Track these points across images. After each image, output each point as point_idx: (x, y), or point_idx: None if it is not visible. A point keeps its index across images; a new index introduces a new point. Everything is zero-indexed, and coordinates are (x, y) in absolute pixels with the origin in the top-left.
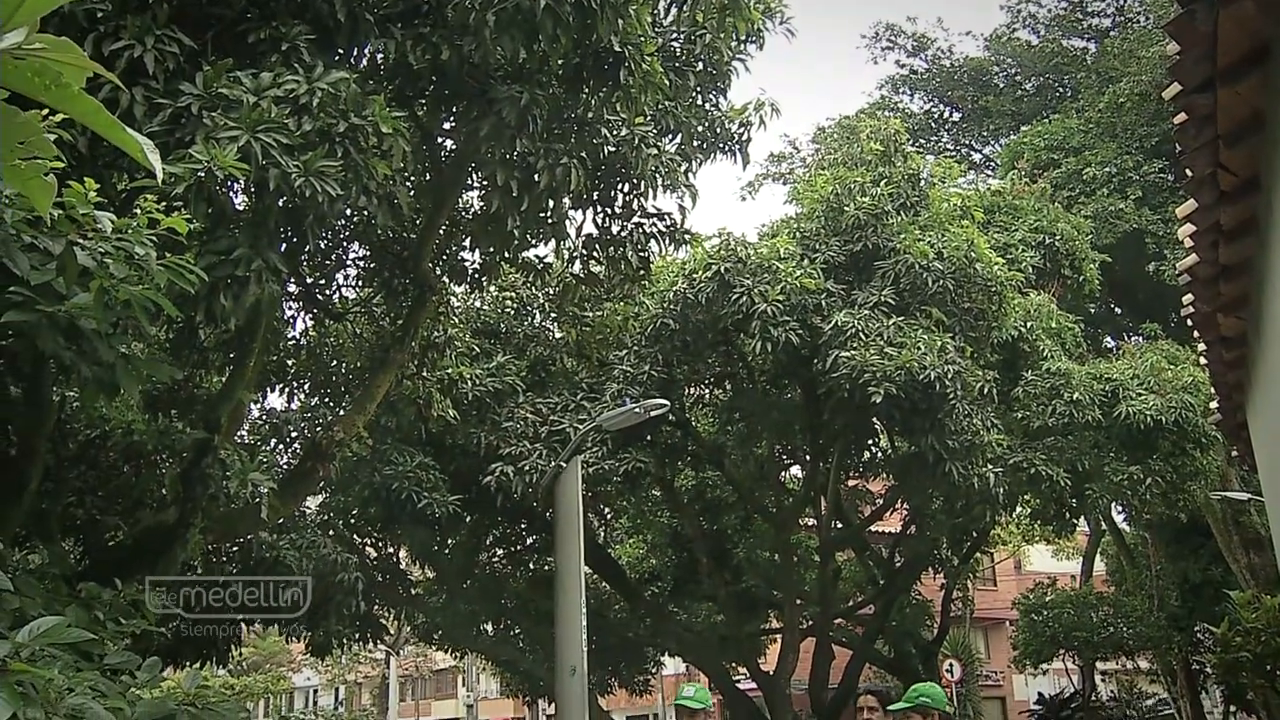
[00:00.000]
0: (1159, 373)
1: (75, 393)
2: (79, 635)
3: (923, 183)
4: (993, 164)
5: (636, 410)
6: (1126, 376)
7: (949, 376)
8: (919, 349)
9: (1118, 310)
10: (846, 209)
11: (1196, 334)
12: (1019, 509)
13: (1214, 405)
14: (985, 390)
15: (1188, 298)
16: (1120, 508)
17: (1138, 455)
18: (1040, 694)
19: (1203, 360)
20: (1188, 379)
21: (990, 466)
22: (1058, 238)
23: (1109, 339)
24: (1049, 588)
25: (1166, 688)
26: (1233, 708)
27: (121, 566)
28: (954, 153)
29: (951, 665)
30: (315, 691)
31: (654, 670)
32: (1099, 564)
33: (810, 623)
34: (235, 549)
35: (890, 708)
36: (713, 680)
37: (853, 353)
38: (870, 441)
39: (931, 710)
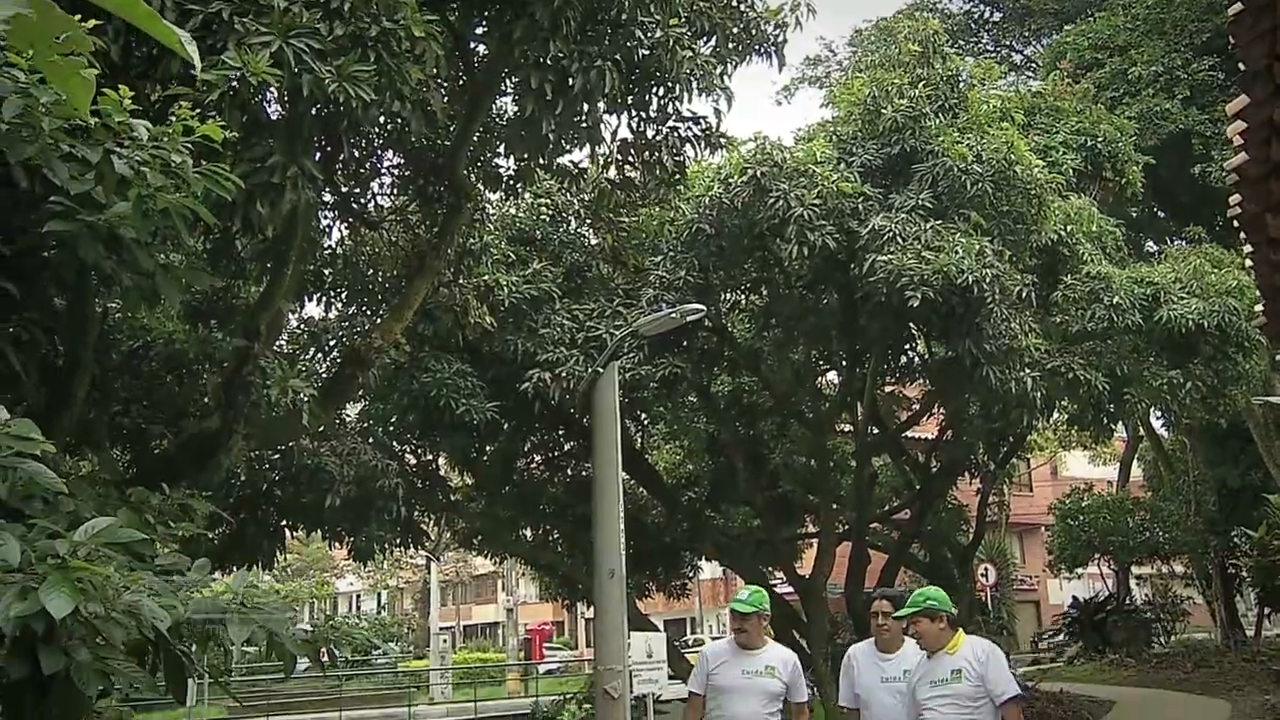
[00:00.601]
0: (1202, 276)
1: (117, 304)
2: (131, 536)
3: (962, 84)
4: (1034, 65)
5: (673, 315)
6: (1168, 280)
7: (987, 280)
8: (957, 253)
9: (1160, 214)
10: (884, 112)
11: (1243, 236)
12: (1056, 414)
13: (1259, 309)
14: (1023, 294)
15: (1235, 198)
16: (1159, 413)
17: (1178, 359)
18: (1075, 597)
19: (1248, 263)
20: (1232, 282)
21: (1028, 371)
22: (1100, 140)
23: (1151, 243)
24: (1085, 493)
25: (1201, 591)
26: (1268, 610)
27: (167, 473)
28: (994, 53)
29: (987, 569)
30: (358, 597)
31: (691, 574)
32: (1136, 470)
33: (846, 527)
34: (277, 456)
35: (896, 614)
36: (749, 583)
37: (890, 257)
38: (907, 346)
39: (939, 612)
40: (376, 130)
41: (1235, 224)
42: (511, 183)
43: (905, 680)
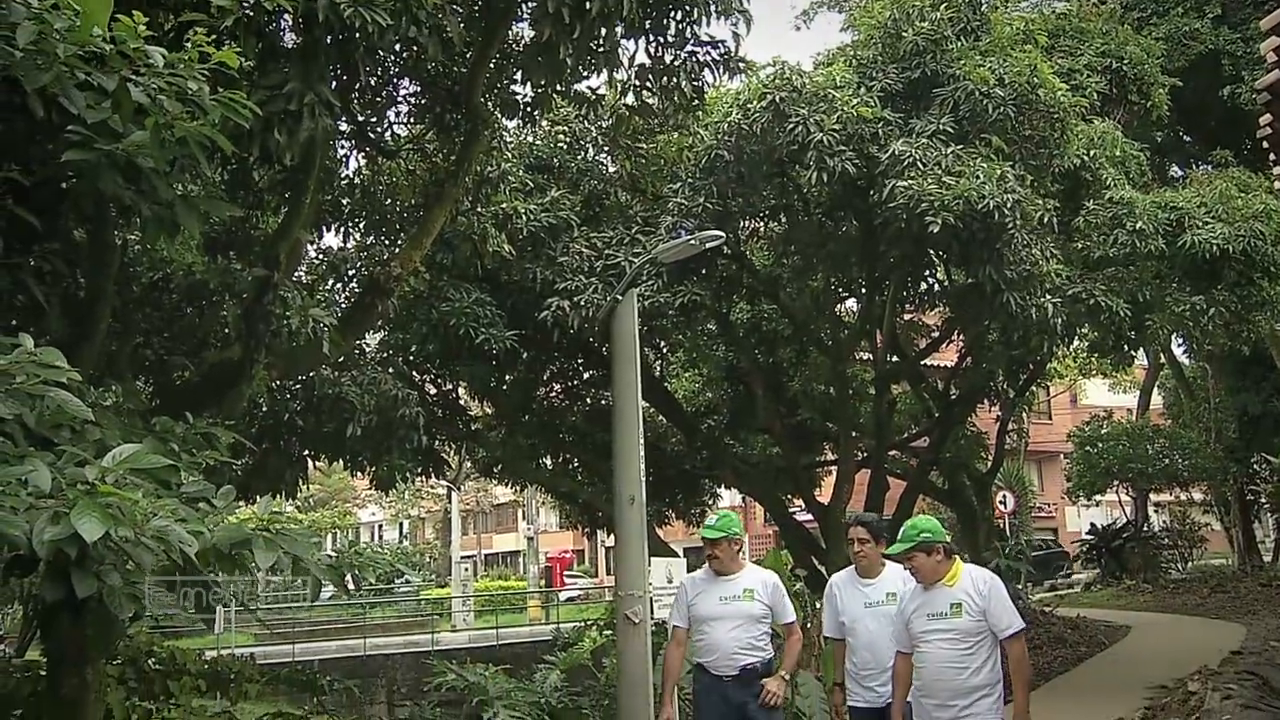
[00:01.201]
0: (1228, 200)
1: (137, 235)
2: (158, 462)
3: (984, 6)
4: None
5: (691, 242)
6: (1193, 205)
7: (1008, 206)
8: (978, 178)
9: (1187, 138)
10: (904, 35)
11: (1273, 156)
12: (1076, 341)
13: None
14: (1045, 220)
15: (1265, 118)
16: (1180, 339)
17: (1201, 285)
18: (1092, 524)
19: (1277, 185)
20: (1259, 207)
21: (1048, 297)
22: (1126, 62)
23: (1176, 167)
24: (1105, 420)
25: (1219, 518)
26: None
27: (190, 403)
28: None
29: (1005, 497)
30: (380, 526)
31: (710, 502)
32: (1156, 397)
33: (865, 454)
34: (298, 386)
35: (889, 551)
36: (769, 511)
37: (910, 182)
38: (927, 273)
39: (934, 544)
40: (393, 57)
41: (1265, 145)
42: (529, 110)
43: (889, 603)
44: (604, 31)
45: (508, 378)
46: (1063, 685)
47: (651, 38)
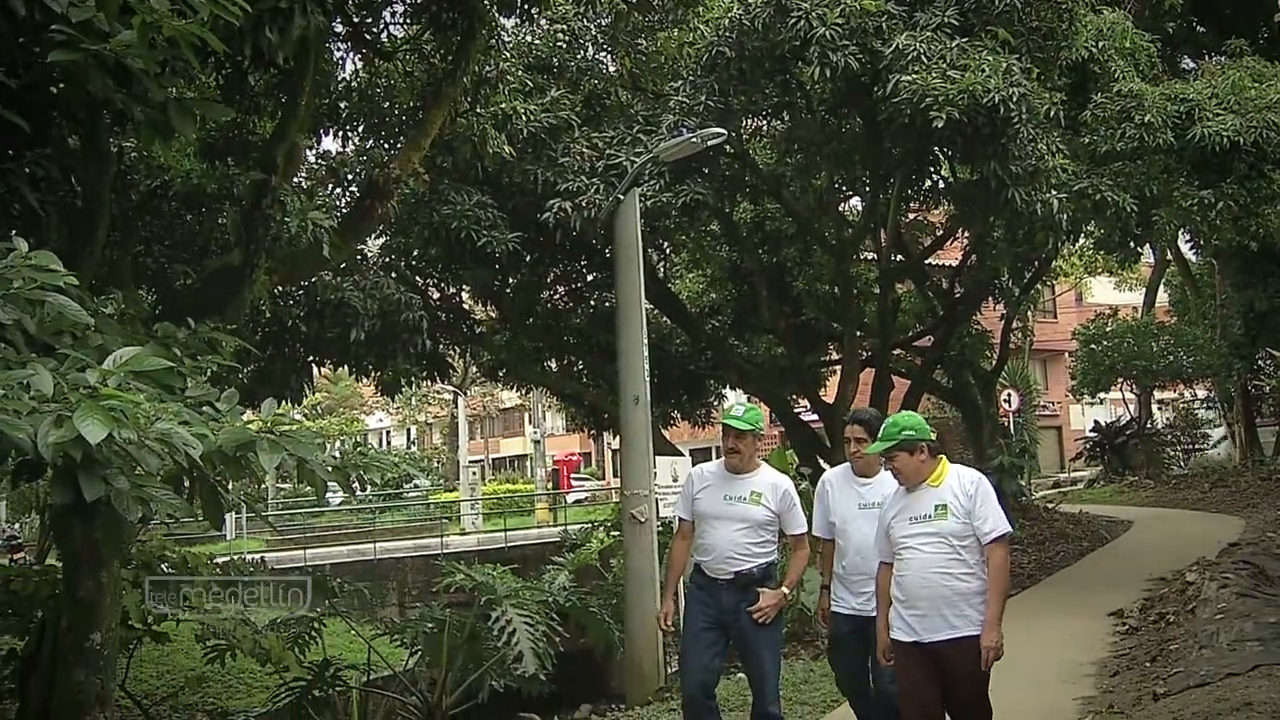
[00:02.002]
0: (1241, 91)
1: (133, 142)
2: (159, 364)
3: None
4: None
5: (693, 140)
6: (1204, 96)
7: (1014, 100)
8: (983, 71)
9: (1200, 28)
10: None
11: None
12: (1082, 238)
13: None
14: (1052, 114)
15: None
16: (1188, 235)
17: (1210, 179)
18: (1096, 422)
19: None
20: (1273, 97)
21: (1054, 192)
22: None
23: (1188, 60)
24: (1110, 318)
25: (1222, 414)
26: None
27: (192, 310)
28: None
29: (1009, 395)
30: (388, 433)
31: (715, 403)
32: (1162, 295)
33: (869, 354)
34: (301, 292)
35: (870, 450)
36: (774, 411)
37: (914, 77)
38: (931, 170)
39: (917, 443)
40: None
41: None
42: (526, 7)
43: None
44: None
45: (510, 281)
46: (1063, 579)
47: None
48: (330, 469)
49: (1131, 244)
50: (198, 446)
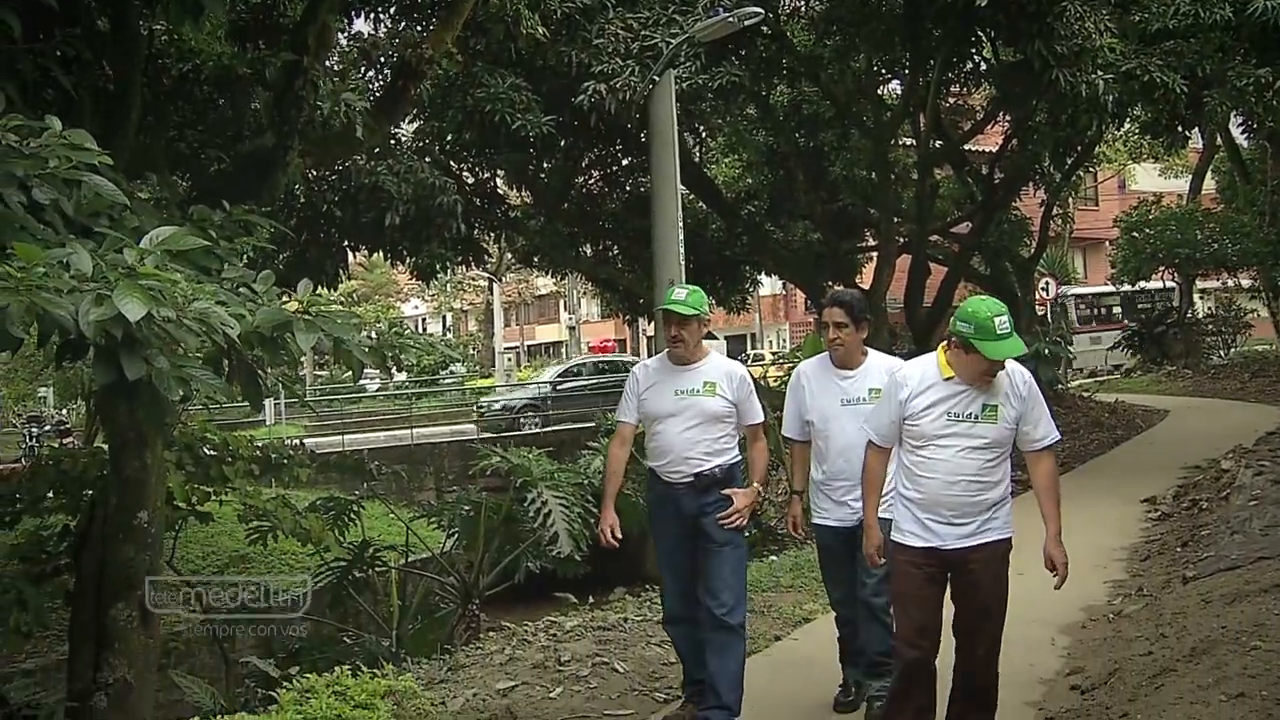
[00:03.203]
0: None
1: (163, 25)
2: (196, 243)
3: None
4: None
5: (729, 20)
6: None
7: None
8: None
9: None
10: None
11: None
12: (1128, 122)
13: None
14: None
15: None
16: (1240, 117)
17: (1269, 57)
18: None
19: None
20: None
21: (1100, 74)
22: None
23: None
24: (1153, 205)
25: (1266, 303)
26: None
27: (226, 195)
28: None
29: (1047, 283)
30: (424, 320)
31: (750, 289)
32: (1209, 181)
33: (906, 240)
34: (335, 177)
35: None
36: (809, 297)
37: None
38: (973, 51)
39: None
40: None
41: None
42: None
43: (872, 401)
44: None
45: (545, 165)
46: (1098, 467)
47: None
48: (366, 350)
49: (1180, 128)
50: (235, 326)
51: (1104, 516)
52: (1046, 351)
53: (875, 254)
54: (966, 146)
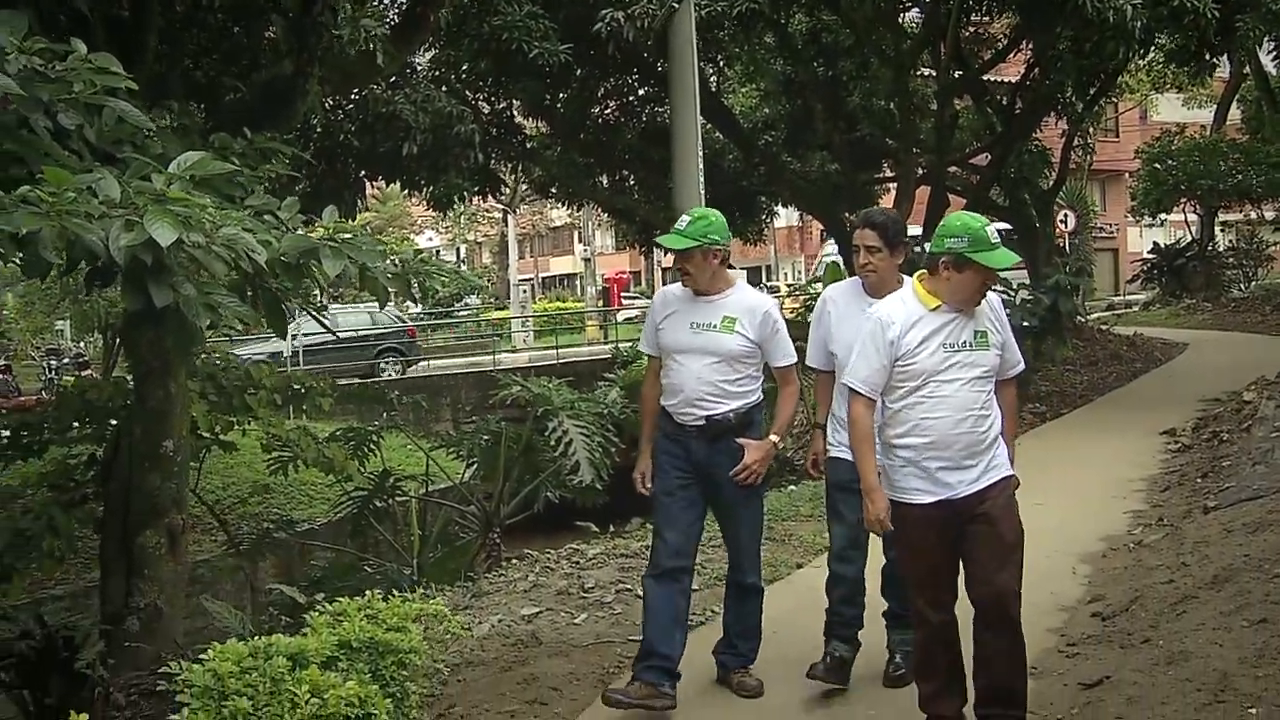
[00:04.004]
0: None
1: None
2: (224, 168)
3: None
4: None
5: None
6: None
7: None
8: None
9: None
10: None
11: None
12: (1154, 52)
13: None
14: None
15: None
16: (1272, 43)
17: None
18: (1155, 243)
19: None
20: None
21: None
22: None
23: None
24: (1176, 135)
25: None
26: None
27: (244, 123)
28: None
29: (1066, 215)
30: (438, 252)
31: (767, 220)
32: (1235, 111)
33: (925, 171)
34: (351, 106)
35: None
36: (827, 228)
37: None
38: None
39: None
40: None
41: None
42: None
43: None
44: None
45: (562, 94)
46: (1115, 399)
47: None
48: (391, 275)
49: (1208, 55)
50: (262, 252)
51: (1123, 448)
52: (1065, 282)
53: (893, 185)
54: (987, 76)
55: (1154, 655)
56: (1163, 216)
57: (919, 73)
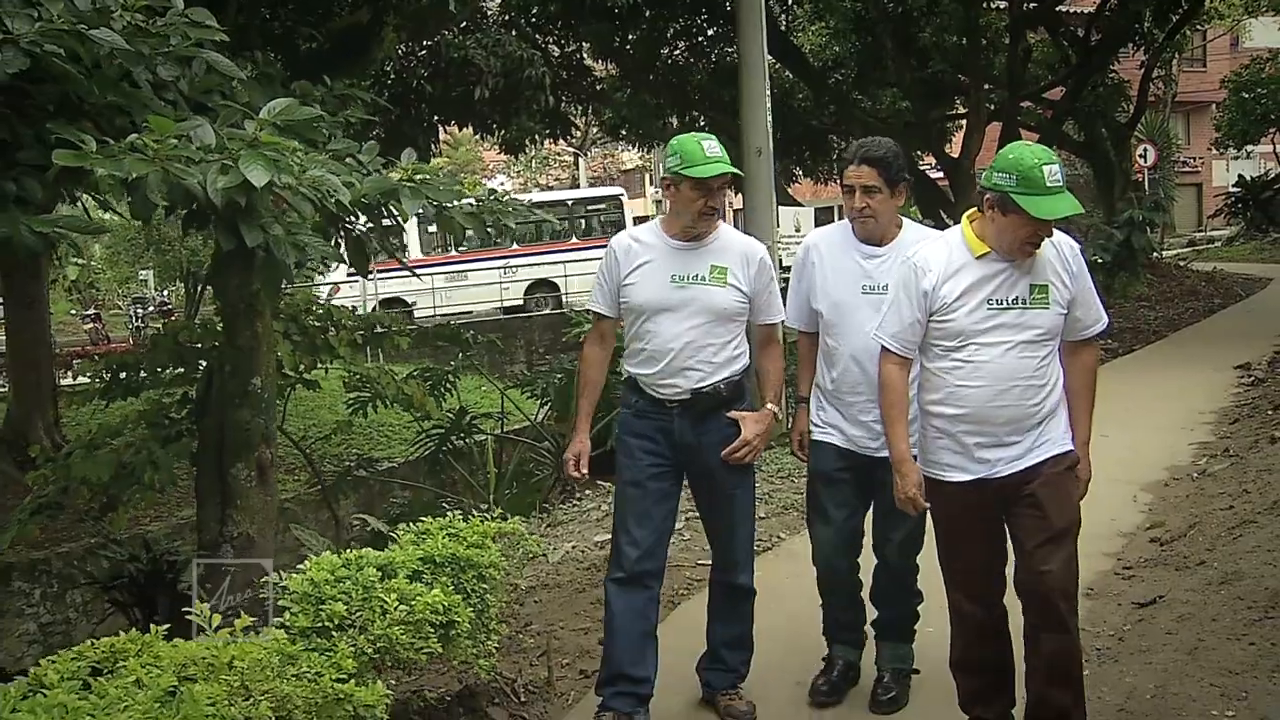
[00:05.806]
0: None
1: None
2: (311, 113)
3: None
4: None
5: None
6: None
7: None
8: None
9: None
10: None
11: None
12: None
13: None
14: None
15: None
16: None
17: None
18: (1240, 176)
19: None
20: None
21: None
22: None
23: None
24: (1268, 62)
25: None
26: None
27: (321, 71)
28: None
29: (1145, 150)
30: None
31: (837, 159)
32: None
33: (997, 106)
34: (424, 52)
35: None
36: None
37: None
38: None
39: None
40: None
41: None
42: None
43: None
44: None
45: (631, 36)
46: (1191, 334)
47: None
48: (467, 214)
49: None
50: (345, 193)
51: (1194, 383)
52: (1139, 217)
53: (964, 122)
54: (1061, 7)
55: (1208, 576)
56: (1250, 149)
57: (991, 5)
